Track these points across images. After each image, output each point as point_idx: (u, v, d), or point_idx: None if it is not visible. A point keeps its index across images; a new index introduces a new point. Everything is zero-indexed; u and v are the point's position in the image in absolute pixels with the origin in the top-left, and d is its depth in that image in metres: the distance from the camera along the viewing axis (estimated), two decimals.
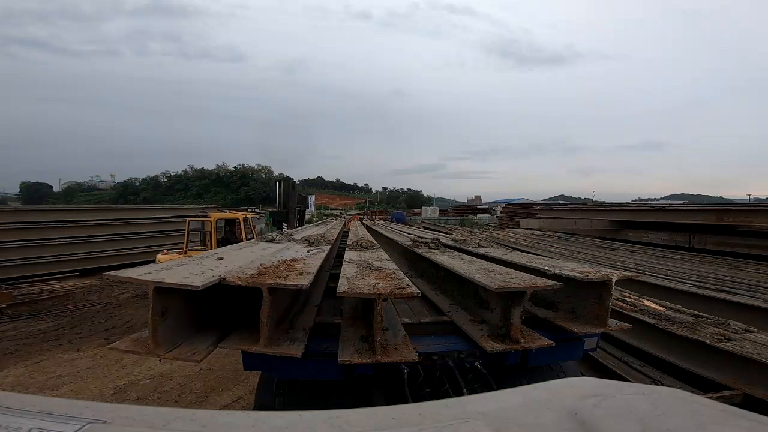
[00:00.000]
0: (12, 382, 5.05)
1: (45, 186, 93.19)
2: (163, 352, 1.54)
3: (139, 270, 1.73)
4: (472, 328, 2.11)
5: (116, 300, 9.32)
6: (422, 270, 3.48)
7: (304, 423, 0.65)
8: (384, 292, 1.70)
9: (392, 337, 1.91)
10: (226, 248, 3.22)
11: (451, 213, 44.73)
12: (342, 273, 2.14)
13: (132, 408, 0.66)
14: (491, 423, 0.62)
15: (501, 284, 1.83)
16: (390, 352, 1.75)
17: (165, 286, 1.48)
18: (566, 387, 0.78)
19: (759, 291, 4.01)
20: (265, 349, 1.64)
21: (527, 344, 1.87)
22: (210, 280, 1.58)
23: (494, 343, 1.87)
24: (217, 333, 1.81)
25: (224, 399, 4.63)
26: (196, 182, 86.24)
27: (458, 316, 2.35)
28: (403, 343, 1.84)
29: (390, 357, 1.70)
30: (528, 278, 1.99)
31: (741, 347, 2.60)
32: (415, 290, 1.74)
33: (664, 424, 0.61)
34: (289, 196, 9.44)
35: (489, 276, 2.05)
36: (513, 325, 1.88)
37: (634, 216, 8.38)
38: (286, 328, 1.95)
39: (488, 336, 1.98)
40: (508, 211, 22.28)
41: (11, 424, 0.56)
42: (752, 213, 5.71)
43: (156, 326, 1.51)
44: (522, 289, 1.82)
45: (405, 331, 2.01)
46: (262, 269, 1.85)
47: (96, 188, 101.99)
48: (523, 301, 1.87)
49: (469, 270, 2.26)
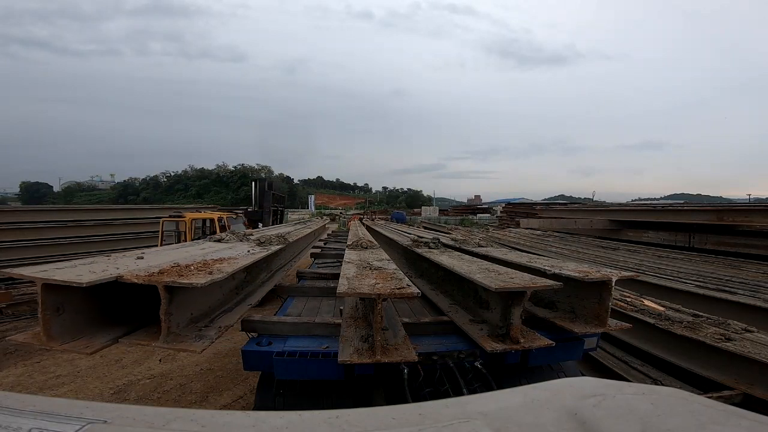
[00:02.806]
0: (12, 382, 5.05)
1: (45, 186, 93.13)
2: (56, 345, 1.60)
3: (34, 268, 1.76)
4: (472, 328, 2.11)
5: None
6: (422, 270, 3.49)
7: (304, 423, 0.65)
8: (384, 292, 1.70)
9: (392, 337, 1.91)
10: (160, 248, 3.25)
11: (451, 213, 44.71)
12: (342, 273, 2.14)
13: (132, 408, 0.66)
14: (491, 423, 0.62)
15: (501, 284, 1.83)
16: (390, 352, 1.75)
17: (53, 282, 1.54)
18: (566, 387, 0.78)
19: (759, 291, 4.01)
20: (165, 345, 1.69)
21: (527, 344, 1.87)
22: (102, 277, 1.62)
23: (494, 343, 1.88)
24: (125, 329, 1.84)
25: (224, 399, 4.63)
26: (196, 182, 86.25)
27: (458, 315, 2.35)
28: (403, 343, 1.85)
29: (390, 357, 1.71)
30: (528, 278, 1.99)
31: (741, 347, 2.60)
32: (415, 290, 1.74)
33: (664, 424, 0.61)
34: (264, 196, 9.48)
35: (489, 276, 2.05)
36: (513, 325, 1.88)
37: (634, 216, 8.38)
38: (201, 326, 1.94)
39: (488, 336, 1.98)
40: (508, 210, 22.26)
41: (11, 424, 0.56)
42: (752, 213, 5.71)
43: (47, 320, 1.57)
44: (522, 289, 1.82)
45: (405, 330, 2.01)
46: (169, 268, 1.86)
47: (96, 188, 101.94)
48: (523, 301, 1.87)
49: (469, 270, 2.26)
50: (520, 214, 17.79)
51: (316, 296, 3.11)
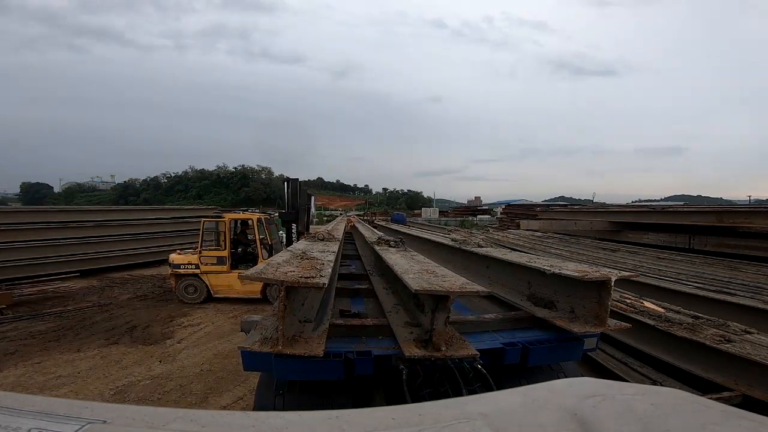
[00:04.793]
0: (12, 383, 5.05)
1: (45, 186, 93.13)
2: None
3: None
4: (404, 331, 2.03)
5: (116, 301, 9.31)
6: (384, 268, 3.35)
7: (304, 423, 0.65)
8: (289, 280, 1.63)
9: (310, 330, 1.88)
10: None
11: (451, 214, 44.67)
12: (270, 259, 2.10)
13: (132, 408, 0.66)
14: (491, 423, 0.62)
15: (425, 286, 1.74)
16: (298, 344, 1.71)
17: None
18: (566, 387, 0.78)
19: (759, 292, 4.00)
20: None
21: (449, 352, 1.77)
22: None
23: (416, 349, 1.79)
24: None
25: (224, 400, 4.62)
26: (196, 183, 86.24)
27: (397, 317, 2.27)
28: (318, 338, 1.81)
29: (293, 350, 1.66)
30: (460, 283, 1.89)
31: (741, 348, 2.59)
32: (321, 282, 1.64)
33: (664, 424, 0.61)
34: (300, 195, 9.33)
35: (422, 277, 1.96)
36: (435, 331, 1.80)
37: (634, 217, 8.38)
38: None
39: (414, 341, 1.89)
40: (508, 212, 22.26)
41: (11, 424, 0.56)
42: (752, 214, 5.71)
43: None
44: (445, 293, 1.73)
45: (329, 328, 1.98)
46: None
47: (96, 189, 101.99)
48: (448, 306, 1.78)
49: (405, 269, 2.19)
50: (521, 215, 17.78)
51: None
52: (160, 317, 7.96)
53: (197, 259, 8.84)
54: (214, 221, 9.25)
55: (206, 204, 40.77)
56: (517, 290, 2.69)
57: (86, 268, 12.07)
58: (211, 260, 8.77)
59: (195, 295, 8.97)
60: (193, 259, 8.90)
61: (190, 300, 8.94)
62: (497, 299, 2.82)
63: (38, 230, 11.40)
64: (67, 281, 10.78)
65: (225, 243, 8.93)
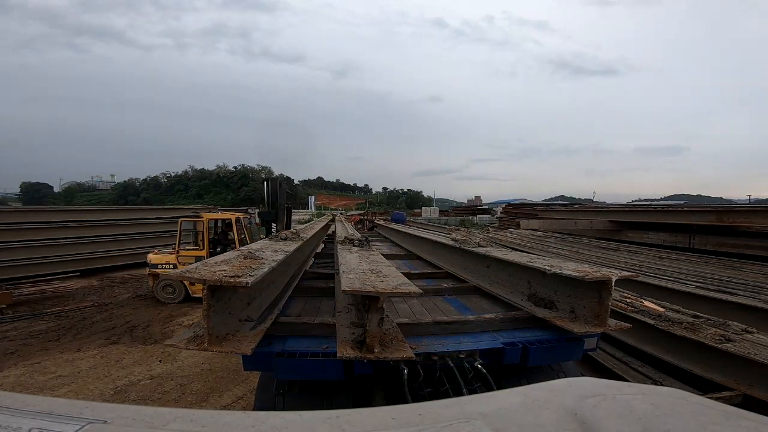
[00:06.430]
0: (12, 382, 5.05)
1: (45, 186, 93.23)
2: None
3: None
4: (346, 332, 2.00)
5: (116, 300, 9.32)
6: None
7: (304, 423, 0.65)
8: (211, 279, 1.62)
9: (247, 329, 1.92)
10: None
11: (451, 214, 44.64)
12: (216, 258, 2.10)
13: (132, 408, 0.66)
14: (491, 423, 0.62)
15: (356, 286, 1.72)
16: (229, 342, 1.75)
17: None
18: (566, 387, 0.78)
19: (759, 292, 4.00)
20: None
21: (383, 355, 1.73)
22: None
23: (350, 350, 1.77)
24: None
25: (224, 399, 4.63)
26: (196, 183, 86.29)
27: (347, 317, 2.23)
28: (254, 336, 1.83)
29: (223, 348, 1.70)
30: (395, 283, 1.86)
31: (741, 348, 2.59)
32: (246, 281, 1.62)
33: (664, 424, 0.61)
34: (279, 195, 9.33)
35: (361, 277, 1.93)
36: (368, 332, 1.77)
37: (634, 217, 8.37)
38: None
39: (351, 341, 1.87)
40: (508, 211, 22.23)
41: (11, 424, 0.56)
42: (752, 213, 5.71)
43: None
44: (375, 294, 1.70)
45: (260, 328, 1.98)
46: None
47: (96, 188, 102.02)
48: (380, 306, 1.76)
49: (353, 268, 2.16)
50: (521, 215, 17.77)
51: (315, 296, 3.10)
52: (160, 317, 7.97)
53: (175, 258, 8.81)
54: (192, 221, 9.21)
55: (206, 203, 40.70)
56: (518, 290, 2.69)
57: (86, 268, 12.08)
58: (189, 260, 8.55)
59: (173, 296, 8.93)
60: (170, 258, 8.86)
61: (168, 300, 8.90)
62: (498, 299, 2.82)
63: (38, 230, 11.40)
64: (66, 281, 10.79)
65: (203, 243, 8.91)
